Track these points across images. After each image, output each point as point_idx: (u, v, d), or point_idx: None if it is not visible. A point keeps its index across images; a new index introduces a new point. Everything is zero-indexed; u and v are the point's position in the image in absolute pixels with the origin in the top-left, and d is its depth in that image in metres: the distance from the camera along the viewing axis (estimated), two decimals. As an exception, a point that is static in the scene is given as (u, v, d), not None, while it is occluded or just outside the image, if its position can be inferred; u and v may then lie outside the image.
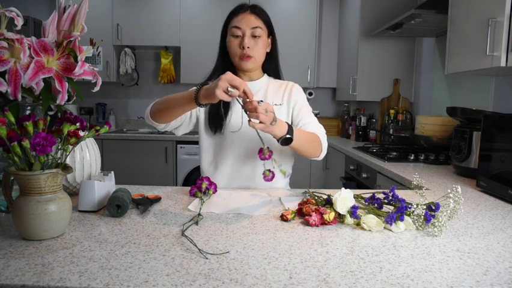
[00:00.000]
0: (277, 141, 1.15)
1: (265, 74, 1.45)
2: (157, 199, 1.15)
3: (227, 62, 1.40)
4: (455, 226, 0.98)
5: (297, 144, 1.19)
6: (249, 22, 1.32)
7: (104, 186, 1.07)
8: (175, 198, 1.18)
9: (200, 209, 1.05)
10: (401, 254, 0.79)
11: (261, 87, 1.41)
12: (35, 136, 0.75)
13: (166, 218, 0.99)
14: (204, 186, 1.18)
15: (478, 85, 2.24)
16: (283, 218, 0.99)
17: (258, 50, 1.34)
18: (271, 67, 1.46)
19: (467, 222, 1.03)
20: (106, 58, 3.84)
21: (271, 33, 1.39)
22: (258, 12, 1.35)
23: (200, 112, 1.40)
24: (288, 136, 1.12)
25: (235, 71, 1.41)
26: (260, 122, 1.00)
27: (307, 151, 1.29)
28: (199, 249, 0.78)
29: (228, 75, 0.99)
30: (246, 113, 1.01)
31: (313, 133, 1.31)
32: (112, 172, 1.14)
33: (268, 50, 1.40)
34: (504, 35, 1.51)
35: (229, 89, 0.97)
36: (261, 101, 1.01)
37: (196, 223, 0.95)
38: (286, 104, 1.40)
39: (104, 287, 0.62)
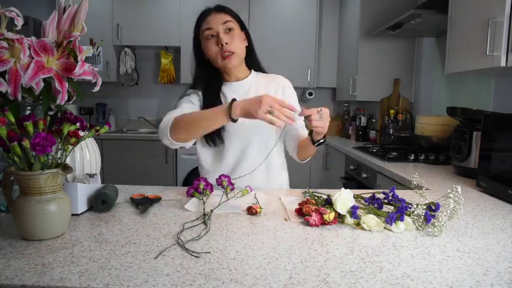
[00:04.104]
0: (313, 143, 1.23)
1: (252, 70, 1.44)
2: (157, 199, 1.15)
3: (208, 69, 1.38)
4: (455, 226, 0.98)
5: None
6: (217, 19, 1.30)
7: (88, 189, 1.04)
8: (175, 198, 1.18)
9: (204, 209, 1.05)
10: (401, 254, 0.79)
11: (251, 85, 1.39)
12: (35, 136, 0.75)
13: (166, 218, 0.99)
14: (201, 186, 1.18)
15: (478, 85, 2.24)
16: (250, 212, 1.03)
17: (235, 43, 1.31)
18: (253, 61, 1.43)
19: (467, 222, 1.03)
20: (106, 58, 3.84)
21: (243, 27, 1.37)
22: (224, 8, 1.34)
23: None
24: (323, 140, 1.23)
25: (220, 75, 1.39)
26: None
27: (309, 154, 1.38)
28: (186, 249, 0.78)
29: (269, 98, 1.04)
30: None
31: None
32: (98, 174, 1.12)
33: (246, 44, 1.38)
34: (504, 35, 1.51)
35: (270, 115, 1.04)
36: (321, 109, 1.11)
37: (204, 223, 0.95)
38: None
39: (104, 287, 0.62)
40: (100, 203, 1.01)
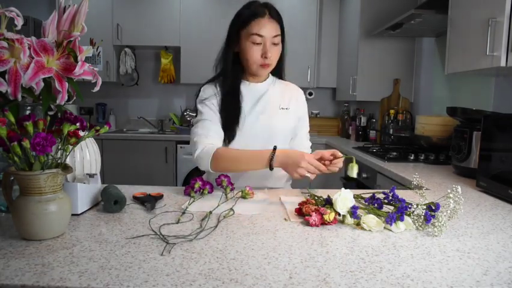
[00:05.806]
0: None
1: (270, 75, 1.45)
2: (160, 196, 1.15)
3: (237, 65, 1.36)
4: (455, 226, 0.98)
5: None
6: (271, 30, 1.29)
7: (89, 189, 1.04)
8: (175, 198, 1.18)
9: (186, 207, 1.06)
10: (401, 254, 0.79)
11: (268, 90, 1.42)
12: (35, 136, 0.75)
13: (166, 217, 0.99)
14: (197, 186, 1.18)
15: (478, 85, 2.24)
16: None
17: (275, 57, 1.33)
18: (278, 69, 1.44)
19: (467, 222, 1.03)
20: (106, 58, 3.84)
21: (282, 35, 1.36)
22: (276, 16, 1.32)
23: None
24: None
25: (242, 71, 1.38)
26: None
27: None
28: (158, 233, 0.78)
29: (306, 163, 1.12)
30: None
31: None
32: (98, 174, 1.11)
33: None
34: (504, 35, 1.51)
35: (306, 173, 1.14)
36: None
37: (201, 225, 0.95)
38: (294, 111, 1.43)
39: (104, 287, 0.62)
40: (113, 203, 1.01)
